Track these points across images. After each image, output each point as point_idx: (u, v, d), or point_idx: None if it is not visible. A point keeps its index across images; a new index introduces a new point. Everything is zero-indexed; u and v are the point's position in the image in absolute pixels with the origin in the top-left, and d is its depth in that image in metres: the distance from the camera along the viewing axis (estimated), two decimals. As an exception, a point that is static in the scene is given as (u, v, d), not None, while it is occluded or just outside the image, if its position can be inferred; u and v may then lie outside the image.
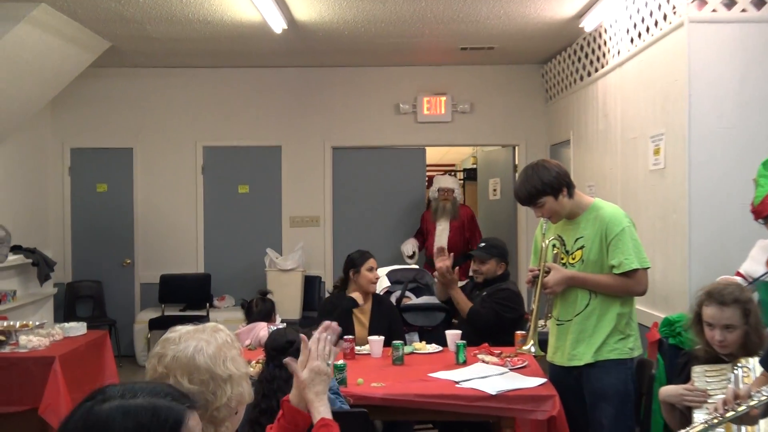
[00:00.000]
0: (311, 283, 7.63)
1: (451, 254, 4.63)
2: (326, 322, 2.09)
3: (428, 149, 8.09)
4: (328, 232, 7.82)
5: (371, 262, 4.42)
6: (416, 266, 6.11)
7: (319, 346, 2.02)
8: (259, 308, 4.39)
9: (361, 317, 4.42)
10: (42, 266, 6.62)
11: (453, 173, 11.00)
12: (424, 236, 7.38)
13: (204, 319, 7.08)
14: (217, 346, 1.72)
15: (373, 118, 7.82)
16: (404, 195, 7.72)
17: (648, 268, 3.17)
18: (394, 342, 3.90)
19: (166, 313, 7.42)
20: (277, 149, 7.83)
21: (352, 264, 4.42)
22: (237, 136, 7.81)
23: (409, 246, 7.36)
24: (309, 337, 2.08)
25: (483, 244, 4.67)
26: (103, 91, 7.77)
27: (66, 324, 5.17)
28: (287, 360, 2.03)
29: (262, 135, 7.82)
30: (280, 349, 2.62)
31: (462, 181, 10.28)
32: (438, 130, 7.82)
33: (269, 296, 4.48)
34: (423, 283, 5.31)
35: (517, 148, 7.90)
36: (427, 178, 8.10)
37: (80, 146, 7.80)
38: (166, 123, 7.81)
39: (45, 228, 7.64)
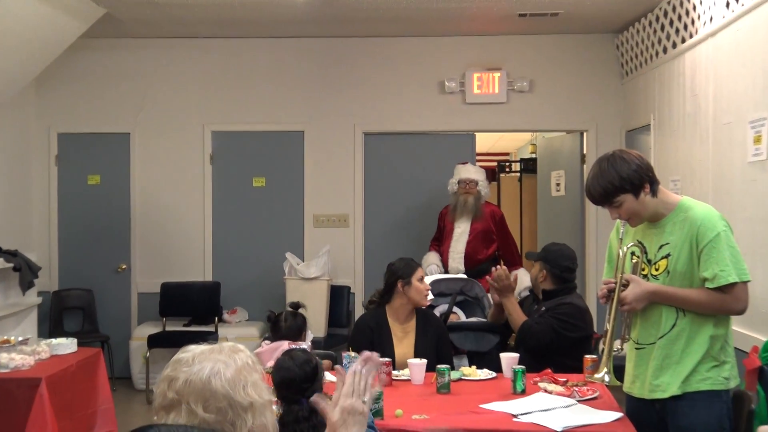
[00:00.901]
0: (338, 295, 7.67)
1: (503, 267, 4.65)
2: (366, 353, 2.09)
3: (478, 135, 8.09)
4: (358, 234, 7.85)
5: (420, 272, 4.52)
6: (463, 275, 6.10)
7: (355, 380, 2.02)
8: (288, 323, 4.41)
9: (404, 336, 4.46)
10: (25, 272, 6.74)
11: (507, 164, 10.98)
12: (440, 241, 7.11)
13: (212, 336, 7.17)
14: (237, 368, 1.75)
15: (413, 98, 7.83)
16: (447, 188, 7.69)
17: (748, 281, 3.14)
18: (439, 366, 3.90)
19: (168, 329, 7.51)
20: (299, 135, 7.88)
21: (399, 274, 4.48)
22: (252, 119, 7.88)
23: (434, 266, 6.86)
24: (335, 362, 2.08)
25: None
26: (97, 67, 7.89)
27: (53, 340, 5.25)
28: (314, 398, 2.03)
29: (281, 118, 7.87)
30: (311, 378, 2.61)
31: (518, 174, 10.25)
32: (490, 113, 7.81)
33: (302, 310, 4.50)
34: (472, 296, 5.31)
35: (585, 134, 7.86)
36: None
37: (69, 131, 7.92)
38: (169, 104, 7.91)
39: (28, 227, 7.78)
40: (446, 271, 6.86)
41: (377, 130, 7.89)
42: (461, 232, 6.87)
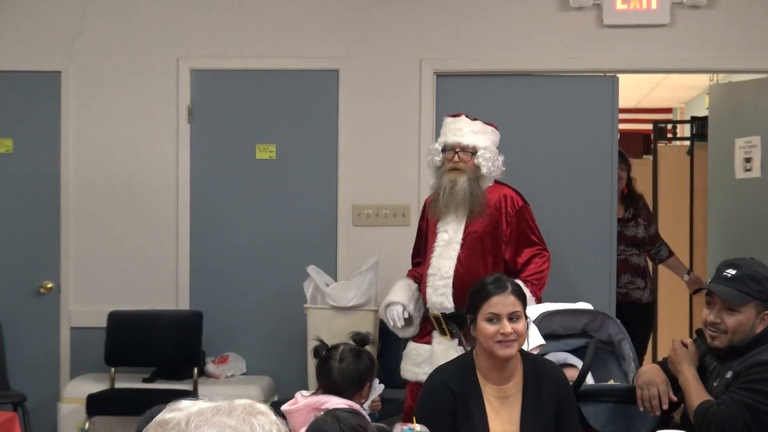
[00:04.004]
0: (392, 335, 7.65)
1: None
2: None
3: (623, 78, 8.06)
4: (425, 238, 7.87)
5: (495, 303, 4.61)
6: (588, 305, 6.06)
7: None
8: (345, 365, 4.43)
9: (501, 404, 4.50)
10: None
11: (670, 127, 10.91)
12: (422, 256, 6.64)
13: (190, 396, 7.23)
14: None
15: (516, 18, 7.82)
16: (577, 163, 7.68)
17: None
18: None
19: (119, 385, 7.56)
20: (332, 77, 7.91)
21: (469, 305, 4.66)
22: (255, 51, 7.92)
23: (398, 308, 6.32)
24: None
25: (732, 272, 4.63)
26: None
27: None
28: None
29: (303, 50, 7.90)
30: None
31: (689, 142, 10.18)
32: (643, 42, 7.77)
33: (370, 347, 4.53)
34: (605, 341, 5.30)
35: (799, 77, 7.81)
36: (618, 133, 8.05)
37: (-34, 69, 8.06)
38: (123, 27, 7.96)
39: None
40: (426, 311, 6.40)
41: (457, 70, 7.93)
42: (448, 239, 6.28)
